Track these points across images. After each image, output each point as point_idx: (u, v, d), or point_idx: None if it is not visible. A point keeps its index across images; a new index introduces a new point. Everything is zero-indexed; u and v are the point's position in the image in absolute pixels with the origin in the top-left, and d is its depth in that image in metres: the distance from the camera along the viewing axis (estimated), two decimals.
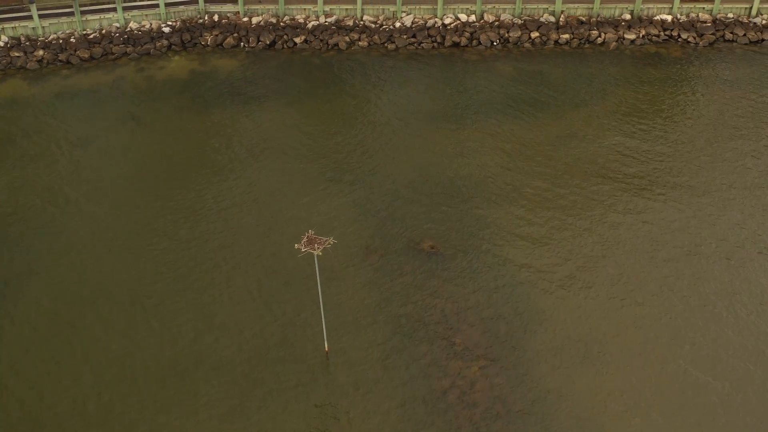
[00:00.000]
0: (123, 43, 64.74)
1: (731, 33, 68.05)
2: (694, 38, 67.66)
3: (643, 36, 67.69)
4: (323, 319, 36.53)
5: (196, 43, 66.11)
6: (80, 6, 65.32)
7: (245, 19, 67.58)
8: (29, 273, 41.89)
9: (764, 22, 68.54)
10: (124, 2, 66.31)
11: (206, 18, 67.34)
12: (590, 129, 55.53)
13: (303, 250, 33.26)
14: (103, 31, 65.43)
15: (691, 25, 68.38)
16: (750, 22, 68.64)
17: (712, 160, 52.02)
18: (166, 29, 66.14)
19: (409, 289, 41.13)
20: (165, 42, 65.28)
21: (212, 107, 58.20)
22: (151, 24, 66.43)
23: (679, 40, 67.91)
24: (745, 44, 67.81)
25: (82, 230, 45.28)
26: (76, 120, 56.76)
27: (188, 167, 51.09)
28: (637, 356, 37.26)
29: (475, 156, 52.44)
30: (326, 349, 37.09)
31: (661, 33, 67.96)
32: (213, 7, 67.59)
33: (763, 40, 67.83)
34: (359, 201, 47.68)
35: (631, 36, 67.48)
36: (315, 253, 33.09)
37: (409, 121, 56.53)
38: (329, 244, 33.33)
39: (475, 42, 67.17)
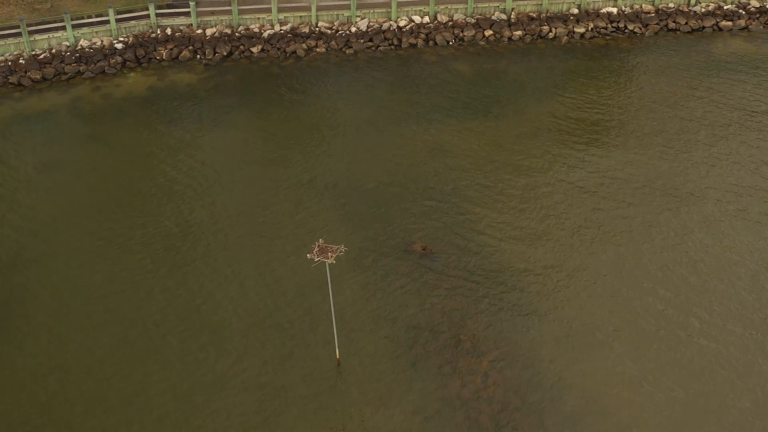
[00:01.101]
0: (75, 62, 63.09)
1: (674, 22, 70.71)
2: (640, 29, 70.05)
3: (592, 29, 69.72)
4: (335, 327, 36.52)
5: (151, 58, 64.92)
6: (27, 25, 63.32)
7: (199, 31, 66.73)
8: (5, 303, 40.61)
9: (703, 10, 71.43)
10: (73, 20, 64.60)
11: (159, 32, 66.23)
12: (554, 122, 56.93)
13: (316, 259, 33.21)
14: (53, 51, 63.63)
15: (636, 16, 70.77)
16: (690, 11, 71.47)
17: (671, 143, 54.15)
18: (119, 45, 64.76)
19: (408, 291, 41.45)
20: (119, 58, 63.90)
21: (177, 123, 57.30)
22: (102, 41, 64.94)
23: (626, 31, 70.22)
24: (688, 32, 70.61)
25: (63, 257, 44.04)
26: (35, 144, 55.01)
27: (162, 185, 50.21)
28: (642, 340, 38.50)
29: (448, 155, 53.13)
30: (337, 356, 37.09)
31: (609, 25, 70.13)
32: (165, 21, 66.50)
33: (703, 27, 70.69)
34: (341, 207, 47.75)
35: (580, 29, 69.42)
36: (328, 261, 33.09)
37: (378, 124, 56.86)
38: (341, 252, 33.38)
39: (431, 43, 68.01)
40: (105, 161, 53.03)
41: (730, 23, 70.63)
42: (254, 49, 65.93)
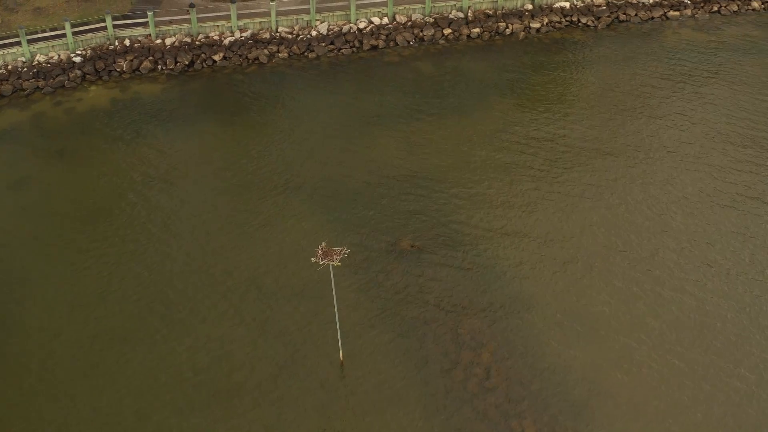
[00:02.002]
0: (33, 78, 61.67)
1: (624, 14, 72.83)
2: (593, 21, 71.93)
3: (546, 24, 71.29)
4: (338, 329, 36.82)
5: (111, 71, 63.86)
6: None
7: (158, 41, 65.94)
8: None
9: (652, 1, 73.74)
10: (28, 35, 63.12)
11: (117, 43, 65.19)
12: (522, 115, 58.17)
13: (321, 262, 33.49)
14: (9, 67, 62.08)
15: (588, 9, 72.65)
16: (639, 2, 73.68)
17: (626, 126, 55.93)
18: (77, 59, 63.53)
19: (402, 289, 42.00)
20: (78, 72, 62.70)
21: (145, 135, 56.57)
22: (59, 55, 63.61)
23: (579, 24, 72.01)
24: (638, 23, 72.78)
25: (47, 278, 43.27)
26: (0, 164, 53.70)
27: (138, 198, 49.66)
28: (627, 325, 39.82)
29: (423, 153, 53.83)
30: (341, 357, 37.38)
31: (563, 19, 71.81)
32: (123, 32, 65.49)
33: (653, 17, 72.98)
34: (323, 210, 48.02)
35: (536, 25, 70.93)
36: (333, 264, 33.39)
37: (348, 127, 57.16)
38: (345, 254, 33.73)
39: (392, 43, 68.58)
40: (75, 177, 52.11)
41: (677, 13, 73.09)
42: (216, 57, 65.47)
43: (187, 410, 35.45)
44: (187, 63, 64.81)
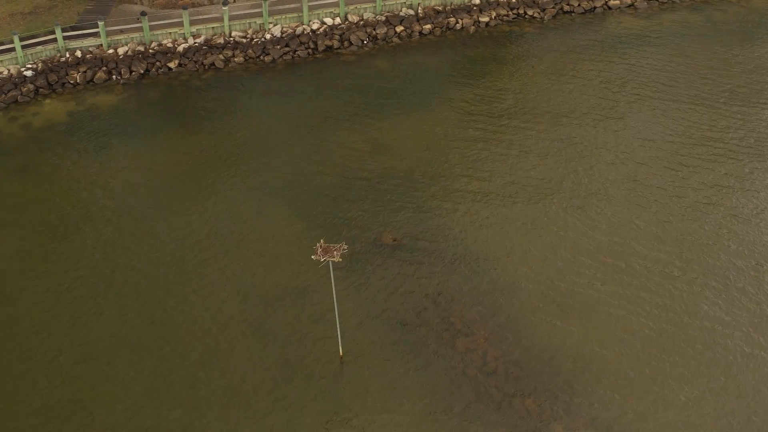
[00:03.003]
0: None
1: (568, 5, 75.03)
2: (539, 13, 73.92)
3: (495, 17, 72.97)
4: (338, 326, 37.34)
5: (64, 83, 62.68)
6: None
7: (111, 51, 64.99)
8: None
9: None
10: None
11: (68, 55, 64.00)
12: (483, 106, 59.61)
13: (322, 259, 33.97)
14: None
15: (533, 1, 74.59)
16: None
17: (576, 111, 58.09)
18: (28, 73, 62.16)
19: (390, 283, 42.74)
20: (31, 86, 61.36)
21: (108, 147, 55.74)
22: (9, 70, 62.11)
23: (526, 16, 73.94)
24: (581, 13, 75.14)
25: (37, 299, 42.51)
26: None
27: (112, 211, 49.13)
28: (606, 302, 41.51)
29: (391, 149, 54.65)
30: (341, 353, 37.91)
31: (510, 12, 73.61)
32: (73, 43, 64.30)
33: (595, 8, 75.42)
34: (299, 211, 48.37)
35: (485, 19, 72.51)
36: (334, 260, 33.94)
37: (312, 128, 57.45)
38: (344, 249, 34.31)
39: (346, 43, 69.14)
40: (41, 193, 51.11)
41: (618, 2, 75.63)
42: (171, 65, 64.92)
43: (186, 414, 35.45)
44: (142, 71, 64.11)
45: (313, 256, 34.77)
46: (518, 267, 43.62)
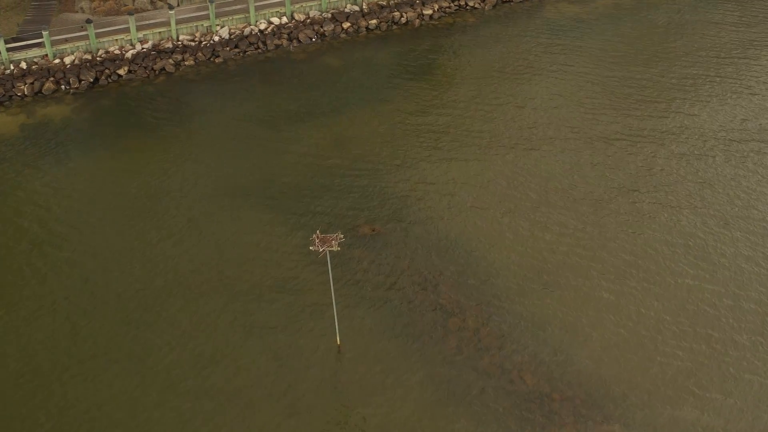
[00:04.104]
0: None
1: None
2: (480, 4, 75.89)
3: (438, 9, 74.56)
4: (335, 315, 37.99)
5: (11, 96, 61.19)
6: None
7: (57, 61, 63.69)
8: None
9: None
10: None
11: (13, 67, 62.45)
12: (435, 94, 61.03)
13: (321, 250, 34.55)
14: None
15: None
16: None
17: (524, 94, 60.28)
18: None
19: (375, 271, 43.58)
20: None
21: (64, 159, 54.45)
22: None
23: (468, 7, 75.81)
24: (520, 2, 77.50)
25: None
26: None
27: (79, 222, 48.46)
28: (582, 275, 43.41)
29: (352, 143, 55.44)
30: (338, 342, 38.59)
31: (452, 4, 75.35)
32: (18, 55, 62.77)
33: None
34: (271, 210, 48.70)
35: (428, 11, 74.01)
36: (333, 249, 34.60)
37: (271, 127, 57.69)
38: (341, 238, 35.00)
39: (295, 42, 69.55)
40: (5, 209, 49.95)
41: None
42: (121, 72, 64.06)
43: (189, 405, 35.57)
44: (92, 80, 63.11)
45: (311, 248, 35.33)
46: (494, 247, 45.06)
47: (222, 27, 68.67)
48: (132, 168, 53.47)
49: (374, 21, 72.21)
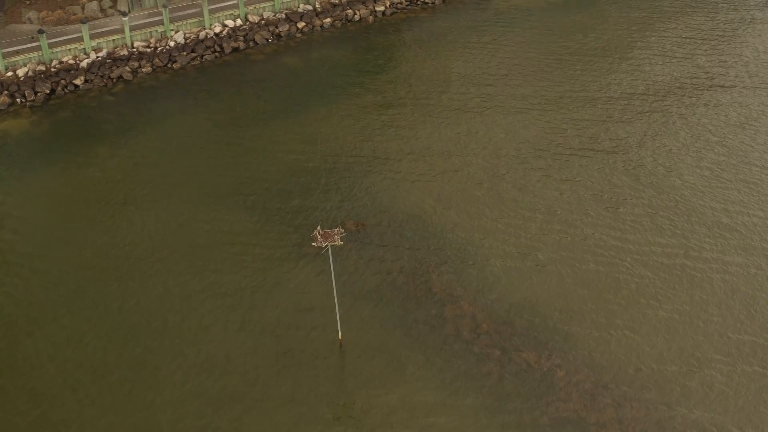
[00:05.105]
0: None
1: None
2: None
3: (390, 5, 75.26)
4: (337, 311, 38.29)
5: None
6: None
7: (9, 73, 61.95)
8: None
9: None
10: None
11: None
12: (396, 87, 61.88)
13: (324, 244, 34.82)
14: None
15: None
16: None
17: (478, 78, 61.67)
18: None
19: (365, 267, 44.03)
20: None
21: (28, 177, 52.78)
22: None
23: (419, 3, 76.72)
24: None
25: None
26: None
27: (59, 233, 47.53)
28: (570, 250, 44.82)
29: (325, 141, 55.76)
30: (340, 337, 38.90)
31: (403, 0, 76.10)
32: None
33: None
34: (258, 209, 48.71)
35: (380, 8, 74.65)
36: (336, 244, 34.91)
37: (239, 128, 57.52)
38: (342, 233, 35.34)
39: (251, 43, 69.27)
40: None
41: None
42: (77, 82, 62.72)
43: (193, 406, 35.47)
44: (48, 92, 61.66)
45: (314, 243, 35.55)
46: (475, 233, 45.99)
47: (177, 32, 67.87)
48: (101, 178, 52.53)
49: (328, 20, 72.44)
